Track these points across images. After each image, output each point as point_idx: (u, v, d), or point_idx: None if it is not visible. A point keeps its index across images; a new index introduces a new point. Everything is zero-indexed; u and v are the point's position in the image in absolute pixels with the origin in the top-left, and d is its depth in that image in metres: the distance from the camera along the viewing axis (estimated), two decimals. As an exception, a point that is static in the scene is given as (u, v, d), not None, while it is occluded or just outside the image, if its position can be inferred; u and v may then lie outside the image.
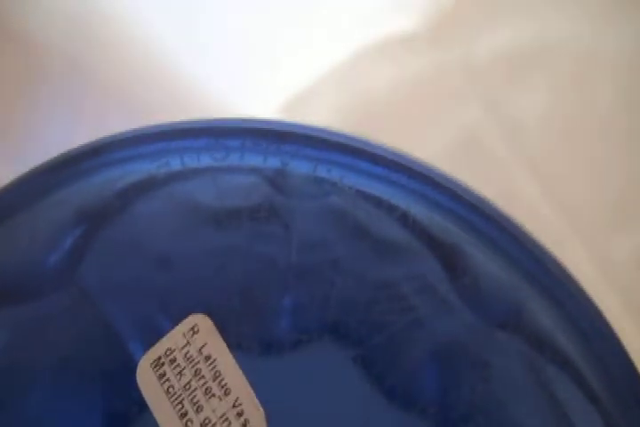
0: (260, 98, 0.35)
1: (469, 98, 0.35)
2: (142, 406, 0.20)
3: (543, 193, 0.34)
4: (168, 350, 0.20)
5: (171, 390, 0.20)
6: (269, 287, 0.21)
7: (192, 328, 0.20)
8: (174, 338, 0.20)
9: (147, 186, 0.22)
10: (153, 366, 0.20)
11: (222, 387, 0.20)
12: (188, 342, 0.20)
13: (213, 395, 0.20)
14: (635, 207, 0.35)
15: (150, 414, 0.20)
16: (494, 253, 0.22)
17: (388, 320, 0.21)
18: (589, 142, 0.35)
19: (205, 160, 0.22)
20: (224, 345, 0.20)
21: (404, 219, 0.21)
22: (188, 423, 0.20)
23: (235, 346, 0.20)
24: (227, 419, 0.20)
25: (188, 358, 0.20)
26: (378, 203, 0.22)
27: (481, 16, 0.36)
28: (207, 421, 0.20)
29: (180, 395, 0.20)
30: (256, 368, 0.20)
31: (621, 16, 0.36)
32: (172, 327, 0.20)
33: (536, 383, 0.21)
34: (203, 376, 0.20)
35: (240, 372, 0.20)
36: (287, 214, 0.22)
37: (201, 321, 0.20)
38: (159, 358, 0.20)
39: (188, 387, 0.20)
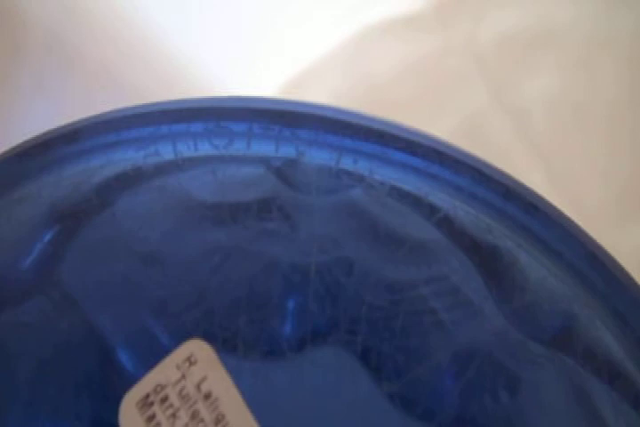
0: (259, 79, 0.34)
1: (475, 80, 0.35)
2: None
3: (549, 179, 0.34)
4: (158, 386, 0.18)
5: (162, 437, 0.18)
6: (272, 291, 0.20)
7: (188, 358, 0.18)
8: (166, 370, 0.18)
9: (131, 179, 0.20)
10: (139, 406, 0.18)
11: (226, 434, 0.18)
12: (184, 376, 0.18)
13: (215, 444, 0.18)
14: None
15: None
16: (551, 261, 0.20)
17: (408, 330, 0.20)
18: (596, 127, 0.35)
19: (204, 148, 0.20)
20: (228, 379, 0.18)
21: (446, 221, 0.20)
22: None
23: (235, 353, 0.19)
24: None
25: (184, 397, 0.18)
26: (415, 201, 0.20)
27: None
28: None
29: (174, 444, 0.18)
30: (258, 376, 0.19)
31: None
32: (166, 333, 0.19)
33: (588, 411, 0.20)
34: (202, 420, 0.18)
35: (249, 414, 0.18)
36: (298, 213, 0.20)
37: (199, 349, 0.18)
38: (147, 396, 0.18)
39: (183, 433, 0.18)
